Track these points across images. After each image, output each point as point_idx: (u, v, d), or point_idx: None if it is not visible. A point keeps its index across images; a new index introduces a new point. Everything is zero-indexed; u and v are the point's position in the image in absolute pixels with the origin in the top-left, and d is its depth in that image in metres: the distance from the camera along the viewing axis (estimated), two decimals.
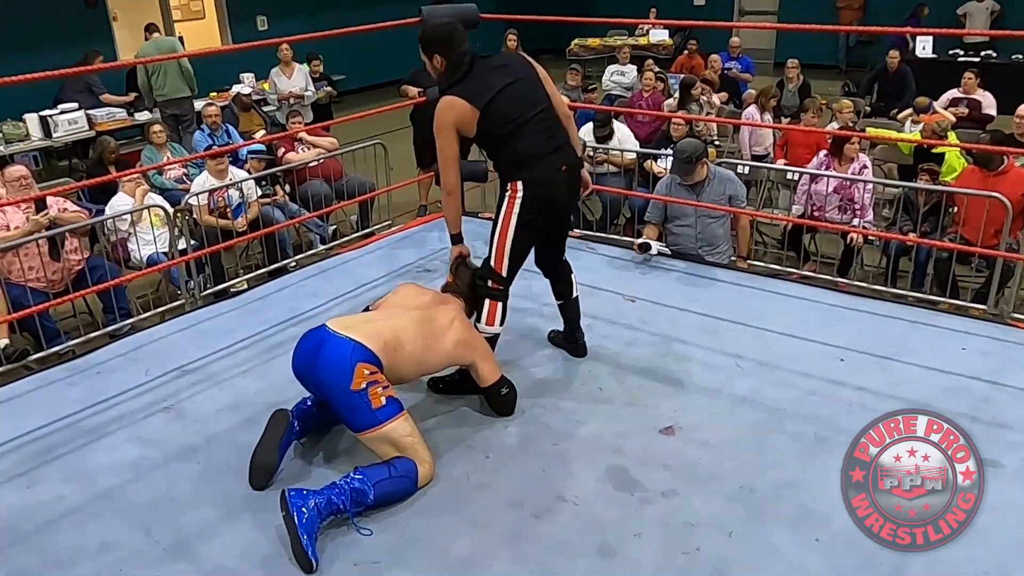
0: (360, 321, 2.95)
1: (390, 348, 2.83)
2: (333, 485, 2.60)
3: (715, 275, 4.58)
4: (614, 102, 9.70)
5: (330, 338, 2.78)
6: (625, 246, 5.03)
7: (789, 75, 9.32)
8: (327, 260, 5.03)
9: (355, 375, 2.69)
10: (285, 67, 9.12)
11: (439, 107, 3.14)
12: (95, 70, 8.94)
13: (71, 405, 3.40)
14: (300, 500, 2.50)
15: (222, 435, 3.18)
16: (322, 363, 2.75)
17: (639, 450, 3.00)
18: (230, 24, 11.96)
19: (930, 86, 8.95)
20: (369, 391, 2.70)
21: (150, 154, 6.94)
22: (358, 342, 2.76)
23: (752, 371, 3.51)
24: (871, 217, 5.78)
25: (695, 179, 4.86)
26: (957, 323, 3.95)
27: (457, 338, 3.02)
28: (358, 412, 2.71)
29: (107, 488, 2.89)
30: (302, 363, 2.86)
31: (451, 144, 3.16)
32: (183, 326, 4.14)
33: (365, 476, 2.64)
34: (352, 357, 2.72)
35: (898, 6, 12.71)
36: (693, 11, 14.95)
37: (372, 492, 2.62)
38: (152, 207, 5.58)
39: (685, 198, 4.92)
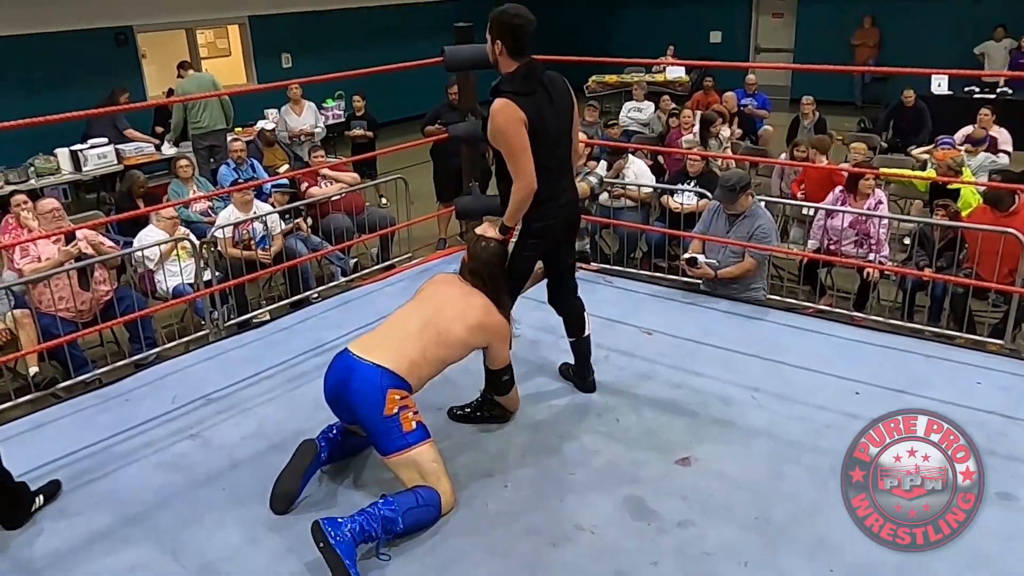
0: (380, 340, 2.98)
1: (415, 365, 2.91)
2: (363, 512, 2.65)
3: (731, 308, 4.63)
4: (631, 138, 9.82)
5: (358, 366, 2.86)
6: (641, 279, 5.10)
7: (805, 111, 9.41)
8: (349, 292, 5.13)
9: (387, 401, 2.79)
10: (295, 105, 9.33)
11: (498, 107, 3.06)
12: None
13: (100, 432, 3.50)
14: (335, 528, 2.54)
15: (247, 462, 3.25)
16: (355, 392, 2.84)
17: (655, 480, 3.04)
18: (255, 61, 12.24)
19: (946, 123, 9.01)
20: (400, 415, 2.81)
21: (176, 187, 7.12)
22: (385, 368, 2.84)
23: (768, 403, 3.55)
24: (887, 252, 5.83)
25: (738, 209, 4.86)
26: (973, 357, 3.98)
27: (469, 325, 3.05)
28: (389, 436, 2.81)
29: (136, 512, 2.97)
30: (334, 391, 2.94)
31: (521, 134, 3.04)
32: (209, 355, 4.24)
33: (396, 504, 2.70)
34: (382, 384, 2.81)
35: (913, 44, 12.85)
36: (710, 47, 15.15)
37: (402, 521, 2.68)
38: (180, 239, 5.72)
39: (721, 228, 4.94)
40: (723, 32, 15.29)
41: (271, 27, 12.16)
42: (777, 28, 15.06)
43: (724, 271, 4.86)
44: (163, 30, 11.43)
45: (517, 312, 3.55)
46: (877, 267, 5.49)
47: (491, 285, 3.20)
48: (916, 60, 11.37)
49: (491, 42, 3.13)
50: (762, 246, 4.83)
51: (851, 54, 13.64)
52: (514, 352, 3.83)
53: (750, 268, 4.85)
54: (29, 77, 9.51)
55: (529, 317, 4.37)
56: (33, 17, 9.55)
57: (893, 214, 6.41)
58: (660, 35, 14.59)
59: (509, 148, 3.08)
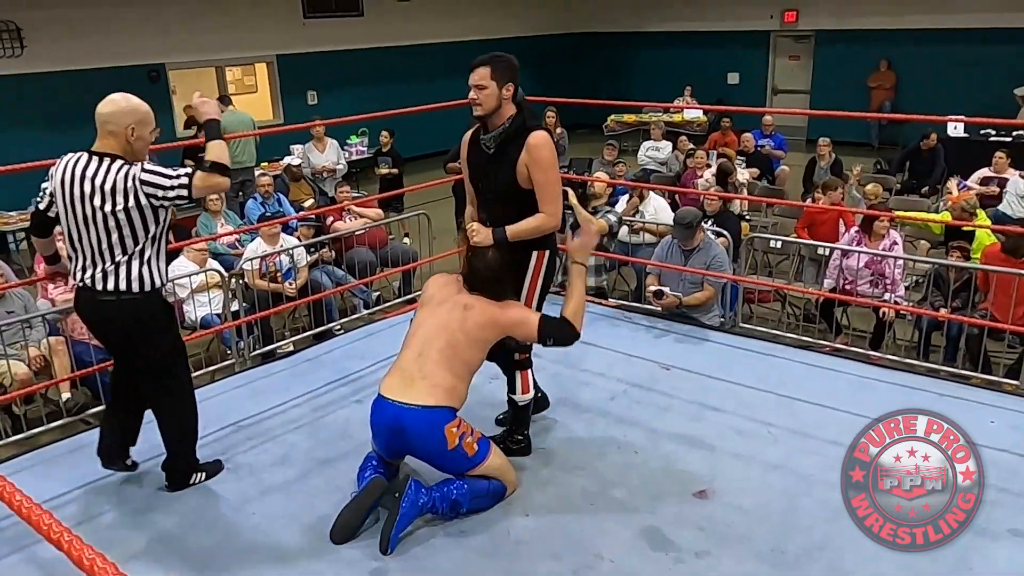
0: (410, 377, 3.04)
1: (453, 389, 3.02)
2: (440, 489, 3.00)
3: (748, 345, 4.72)
4: (650, 176, 9.97)
5: (405, 414, 2.95)
6: (660, 316, 5.20)
7: (821, 152, 9.53)
8: (373, 324, 5.26)
9: (447, 438, 2.95)
10: (318, 142, 9.56)
11: (548, 139, 3.24)
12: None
13: (134, 456, 3.59)
14: (415, 494, 2.94)
15: (276, 488, 3.35)
16: (412, 439, 2.98)
17: (673, 512, 3.12)
18: (282, 98, 12.55)
19: (962, 165, 9.11)
20: (463, 444, 2.99)
21: (205, 220, 7.31)
22: (430, 407, 2.95)
23: (783, 438, 3.63)
24: (903, 292, 5.90)
25: (693, 244, 5.24)
26: (985, 396, 4.04)
27: (479, 324, 3.09)
28: (458, 464, 3.03)
29: (168, 536, 3.07)
30: (389, 443, 3.05)
31: (557, 167, 3.31)
32: (238, 384, 4.37)
33: (468, 490, 3.03)
34: (436, 424, 2.94)
35: (929, 87, 12.99)
36: (727, 88, 15.37)
37: (467, 506, 3.04)
38: (209, 271, 5.88)
39: (676, 262, 5.30)
40: (740, 73, 15.52)
41: (298, 65, 12.48)
42: (794, 70, 15.27)
43: (689, 299, 5.16)
44: (194, 68, 11.77)
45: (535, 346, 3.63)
46: (893, 307, 5.56)
47: (495, 290, 3.20)
48: (932, 102, 11.52)
49: (499, 85, 3.19)
50: (721, 274, 5.25)
51: (867, 96, 13.81)
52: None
53: (711, 296, 5.25)
54: (68, 112, 9.80)
55: (549, 352, 4.46)
56: (74, 54, 9.92)
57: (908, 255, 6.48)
58: (679, 75, 14.84)
59: (548, 179, 3.24)
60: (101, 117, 3.01)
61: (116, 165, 2.95)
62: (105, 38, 10.18)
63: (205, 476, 3.41)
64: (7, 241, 8.76)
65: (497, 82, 3.19)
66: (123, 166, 2.95)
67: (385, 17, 13.14)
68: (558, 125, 9.82)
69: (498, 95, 3.21)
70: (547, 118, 9.73)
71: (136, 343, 3.14)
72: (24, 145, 8.48)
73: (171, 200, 2.97)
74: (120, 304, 3.04)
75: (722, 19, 15.08)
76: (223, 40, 11.42)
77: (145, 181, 2.92)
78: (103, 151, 2.99)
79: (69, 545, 1.41)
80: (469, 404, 3.17)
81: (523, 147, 3.21)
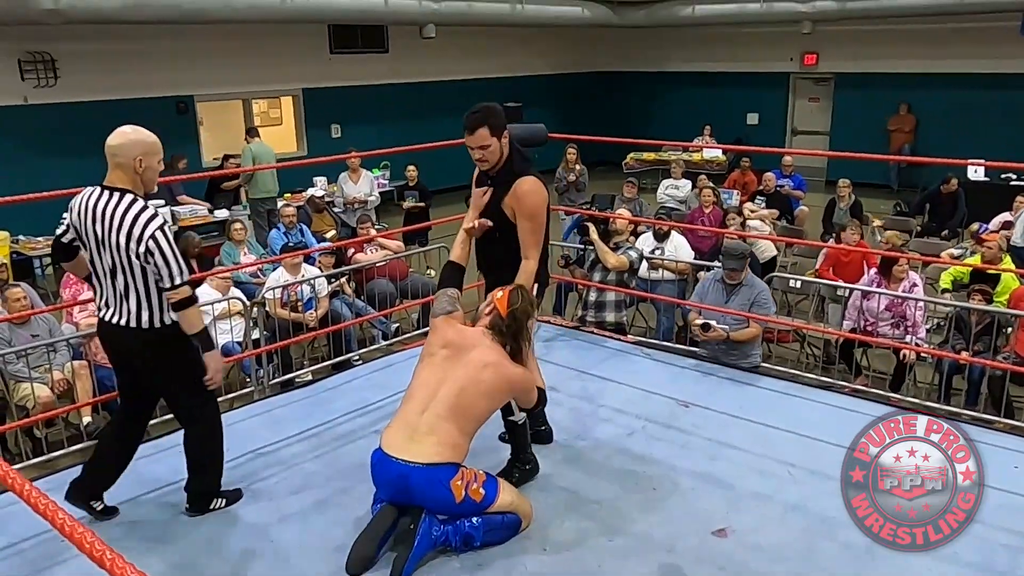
0: (415, 431, 3.00)
1: (457, 446, 3.00)
2: (454, 524, 2.99)
3: (767, 384, 4.70)
4: (670, 214, 10.00)
5: (410, 473, 2.92)
6: (681, 353, 5.19)
7: (841, 194, 9.54)
8: (392, 355, 5.29)
9: (454, 492, 2.95)
10: (353, 173, 9.71)
11: (535, 186, 3.40)
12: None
13: (154, 481, 3.63)
14: (429, 526, 2.94)
15: (293, 516, 3.36)
16: (418, 497, 2.96)
17: (692, 550, 3.10)
18: (306, 131, 12.74)
19: (982, 209, 9.09)
20: (469, 493, 2.98)
21: (229, 250, 7.40)
22: (434, 465, 2.93)
23: (803, 479, 3.60)
24: (923, 334, 5.87)
25: (739, 279, 5.17)
26: (1009, 441, 3.99)
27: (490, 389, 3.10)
28: (468, 510, 3.03)
29: (187, 560, 3.09)
30: (395, 497, 3.01)
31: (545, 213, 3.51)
32: (257, 412, 4.40)
33: (481, 525, 3.03)
34: (442, 482, 2.93)
35: (948, 131, 13.01)
36: (746, 129, 15.46)
37: (480, 539, 3.04)
38: (232, 298, 5.95)
39: (718, 298, 5.21)
40: (760, 114, 15.62)
41: (323, 99, 12.68)
42: (813, 112, 15.35)
43: (737, 334, 5.09)
44: (222, 100, 12.00)
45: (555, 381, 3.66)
46: (913, 348, 5.53)
47: (516, 343, 3.21)
48: (951, 146, 11.51)
49: (498, 139, 3.37)
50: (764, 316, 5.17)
51: (886, 139, 13.84)
52: (554, 419, 3.95)
53: (757, 333, 5.18)
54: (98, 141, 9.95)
55: (568, 386, 4.49)
56: (105, 85, 10.14)
57: (929, 297, 6.45)
58: (698, 114, 14.95)
59: (537, 224, 3.44)
60: (110, 150, 3.06)
61: (128, 201, 3.00)
62: (135, 70, 10.41)
63: (225, 503, 3.43)
64: (33, 266, 8.89)
65: (497, 137, 3.37)
66: (142, 210, 2.98)
67: (409, 54, 13.35)
68: (578, 162, 9.89)
69: (499, 148, 3.40)
70: (568, 154, 9.82)
71: (167, 370, 3.19)
72: (54, 173, 8.65)
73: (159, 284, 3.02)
74: (151, 334, 3.10)
75: (742, 61, 15.22)
76: (251, 73, 11.65)
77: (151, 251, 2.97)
78: (113, 185, 3.05)
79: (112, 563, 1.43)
80: None
81: (510, 191, 3.39)
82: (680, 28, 15.09)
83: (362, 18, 11.80)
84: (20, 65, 9.62)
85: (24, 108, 9.74)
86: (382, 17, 11.91)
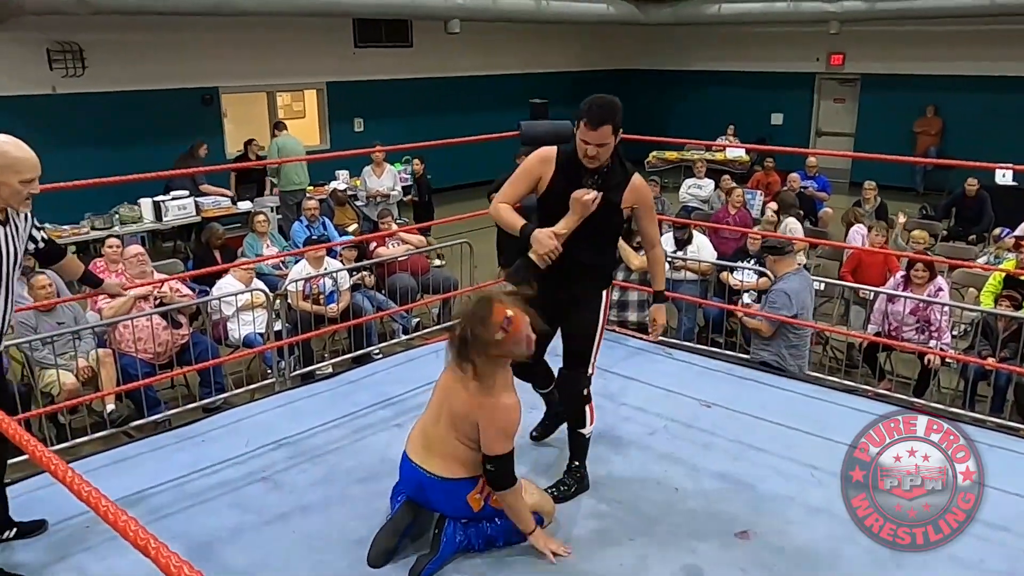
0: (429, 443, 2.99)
1: (468, 460, 2.95)
2: (476, 527, 3.00)
3: (790, 386, 4.67)
4: (691, 214, 9.96)
5: (428, 482, 2.95)
6: (704, 353, 5.16)
7: (866, 196, 9.47)
8: (413, 350, 5.29)
9: (472, 505, 2.96)
10: (376, 167, 9.74)
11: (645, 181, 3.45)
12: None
13: (177, 470, 3.66)
14: (453, 531, 2.96)
15: (315, 506, 3.37)
16: (439, 506, 3.00)
17: (714, 551, 3.08)
18: (329, 124, 12.79)
19: (1009, 214, 8.98)
20: (489, 503, 2.98)
21: (252, 241, 7.44)
22: (451, 480, 2.93)
23: (826, 482, 3.56)
24: (949, 339, 5.80)
25: (777, 272, 5.43)
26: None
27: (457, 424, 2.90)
28: (488, 515, 3.02)
29: (208, 550, 3.10)
30: (418, 498, 3.04)
31: None
32: (280, 403, 4.41)
33: (502, 525, 3.01)
34: (459, 494, 2.94)
35: (976, 134, 12.86)
36: (770, 128, 15.34)
37: (502, 540, 3.05)
38: (255, 290, 5.98)
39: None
40: (784, 114, 15.51)
41: (346, 93, 12.73)
42: (838, 112, 15.22)
43: (746, 321, 5.49)
44: (246, 92, 12.06)
45: None
46: (938, 353, 5.47)
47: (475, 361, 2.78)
48: (978, 150, 11.36)
49: (615, 138, 3.14)
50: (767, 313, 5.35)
51: (912, 141, 13.70)
52: None
53: (759, 327, 5.39)
54: (125, 130, 10.12)
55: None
56: (132, 76, 10.23)
57: (955, 302, 6.38)
58: (722, 114, 14.89)
59: (653, 217, 3.48)
60: None
61: None
62: (162, 61, 10.49)
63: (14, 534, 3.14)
64: None
65: (615, 135, 3.14)
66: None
67: (433, 49, 13.36)
68: None
69: (613, 146, 3.18)
70: None
71: None
72: (81, 162, 8.72)
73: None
74: None
75: (767, 60, 15.12)
76: (275, 66, 11.70)
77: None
78: None
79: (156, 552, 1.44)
80: None
81: (627, 188, 3.27)
82: (706, 27, 14.99)
83: (387, 12, 11.82)
84: (48, 55, 9.71)
85: (52, 97, 9.83)
86: (407, 12, 11.92)
